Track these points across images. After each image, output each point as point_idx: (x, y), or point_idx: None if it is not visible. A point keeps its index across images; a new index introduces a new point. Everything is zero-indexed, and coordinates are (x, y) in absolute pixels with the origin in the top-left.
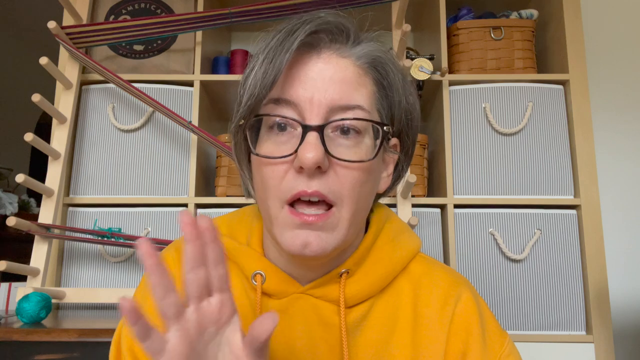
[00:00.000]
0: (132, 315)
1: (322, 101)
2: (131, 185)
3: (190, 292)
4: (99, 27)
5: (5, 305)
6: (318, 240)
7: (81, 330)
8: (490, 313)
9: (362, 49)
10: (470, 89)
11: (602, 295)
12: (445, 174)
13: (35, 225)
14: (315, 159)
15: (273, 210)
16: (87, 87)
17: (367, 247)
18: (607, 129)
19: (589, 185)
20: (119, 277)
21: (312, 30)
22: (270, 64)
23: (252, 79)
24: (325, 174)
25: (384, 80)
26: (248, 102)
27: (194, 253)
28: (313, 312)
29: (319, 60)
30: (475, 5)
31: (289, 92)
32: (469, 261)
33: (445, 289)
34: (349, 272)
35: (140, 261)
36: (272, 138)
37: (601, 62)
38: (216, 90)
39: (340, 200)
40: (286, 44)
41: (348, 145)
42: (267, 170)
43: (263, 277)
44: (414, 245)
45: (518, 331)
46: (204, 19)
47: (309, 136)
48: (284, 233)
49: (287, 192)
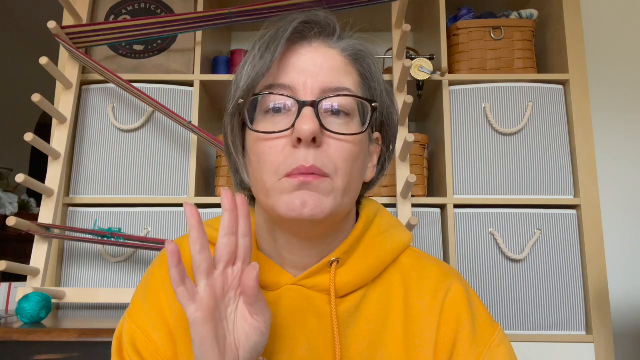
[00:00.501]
0: (174, 257)
1: (315, 85)
2: (131, 185)
3: (220, 255)
4: (99, 27)
5: (5, 305)
6: (315, 200)
7: (81, 330)
8: (481, 304)
9: (346, 42)
10: (470, 89)
11: (602, 295)
12: (445, 174)
13: (35, 225)
14: (312, 129)
15: (269, 183)
16: (87, 87)
17: (358, 237)
18: (607, 129)
19: (589, 185)
20: (119, 277)
21: (304, 20)
22: (266, 50)
23: (250, 64)
24: (320, 149)
25: (366, 73)
26: (246, 84)
27: (230, 221)
28: (306, 303)
29: (310, 49)
30: (475, 5)
31: (283, 77)
32: (469, 261)
33: (436, 280)
34: (339, 261)
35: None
36: (268, 119)
37: (601, 62)
38: (216, 90)
39: (334, 172)
40: (280, 32)
41: (339, 123)
42: (264, 146)
43: None
44: (404, 238)
45: (518, 331)
46: (204, 19)
47: (305, 110)
48: (282, 198)
49: (286, 167)
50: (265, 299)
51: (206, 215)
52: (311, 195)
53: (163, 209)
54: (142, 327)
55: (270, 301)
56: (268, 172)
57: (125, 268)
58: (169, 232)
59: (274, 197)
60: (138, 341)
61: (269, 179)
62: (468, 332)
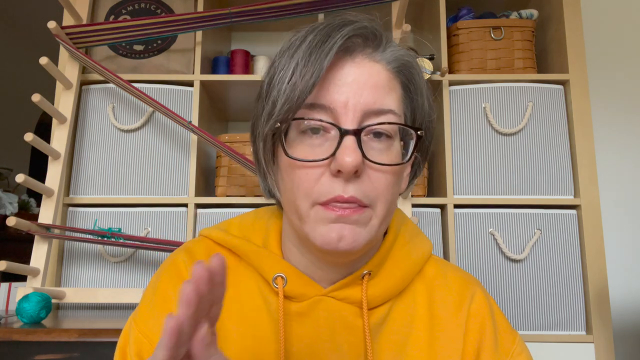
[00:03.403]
0: (172, 338)
1: (357, 106)
2: (131, 185)
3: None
4: (99, 27)
5: (5, 305)
6: (352, 234)
7: (81, 330)
8: (500, 312)
9: (392, 53)
10: (470, 89)
11: (602, 295)
12: (445, 174)
13: (35, 225)
14: (354, 162)
15: (304, 209)
16: (87, 87)
17: (388, 249)
18: (607, 129)
19: (589, 185)
20: (119, 277)
21: (350, 34)
22: (309, 68)
23: (289, 81)
24: (359, 179)
25: (410, 85)
26: (286, 106)
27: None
28: (335, 315)
29: (353, 64)
30: (475, 5)
31: (324, 96)
32: (469, 261)
33: (459, 289)
34: (370, 273)
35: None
36: (305, 141)
37: (601, 62)
38: (216, 90)
39: (374, 203)
40: (324, 47)
41: (380, 149)
42: (300, 173)
43: (284, 280)
44: (428, 247)
45: (518, 331)
46: (204, 19)
47: (347, 140)
48: (317, 228)
49: (322, 195)
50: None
51: (206, 216)
52: (349, 229)
53: (163, 209)
54: (150, 337)
55: (298, 312)
56: (302, 198)
57: (125, 268)
58: (169, 232)
59: (309, 226)
60: (145, 352)
61: (303, 205)
62: (491, 341)
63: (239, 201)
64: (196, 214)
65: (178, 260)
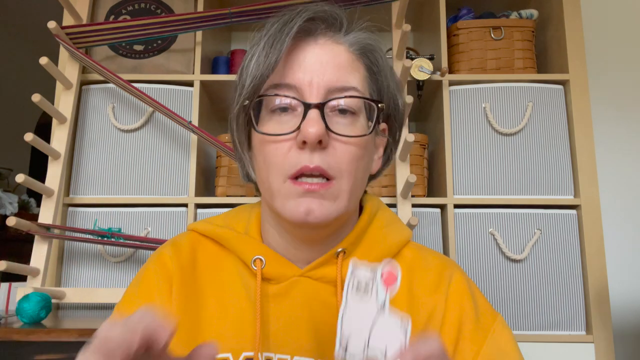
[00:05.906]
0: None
1: (321, 83)
2: (131, 185)
3: None
4: (99, 27)
5: (5, 305)
6: (320, 208)
7: (81, 330)
8: (481, 294)
9: (354, 36)
10: (470, 89)
11: (602, 295)
12: (445, 174)
13: (35, 225)
14: (317, 132)
15: (275, 184)
16: (87, 87)
17: (363, 229)
18: (607, 129)
19: (589, 185)
20: (119, 277)
21: (310, 16)
22: (272, 48)
23: (255, 62)
24: (325, 150)
25: (373, 66)
26: (252, 84)
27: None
28: (313, 294)
29: (316, 46)
30: (475, 5)
31: (289, 76)
32: (469, 261)
33: (437, 271)
34: (345, 252)
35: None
36: (274, 119)
37: (601, 62)
38: (216, 90)
39: (339, 174)
40: (285, 29)
41: (345, 123)
42: (270, 148)
43: (263, 262)
44: (406, 233)
45: (518, 331)
46: (204, 19)
47: (311, 113)
48: (287, 203)
49: (291, 167)
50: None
51: (206, 216)
52: (317, 203)
53: (163, 209)
54: None
55: (277, 293)
56: (273, 173)
57: (125, 268)
58: (169, 232)
59: (279, 201)
60: None
61: (275, 181)
62: (472, 318)
63: (239, 201)
64: (196, 214)
65: (164, 253)
